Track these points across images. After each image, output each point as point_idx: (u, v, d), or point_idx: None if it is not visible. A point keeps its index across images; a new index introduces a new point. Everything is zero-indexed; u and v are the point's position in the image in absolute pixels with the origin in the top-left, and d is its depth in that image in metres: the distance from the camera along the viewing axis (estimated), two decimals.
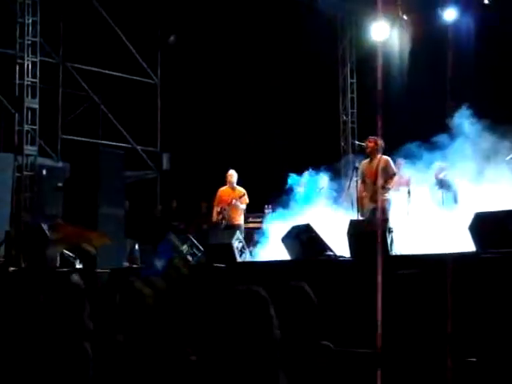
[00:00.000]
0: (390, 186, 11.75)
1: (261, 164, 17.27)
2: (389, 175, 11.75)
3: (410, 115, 15.29)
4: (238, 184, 13.58)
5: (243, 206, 13.43)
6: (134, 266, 13.32)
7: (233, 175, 13.44)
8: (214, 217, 13.49)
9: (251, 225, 14.59)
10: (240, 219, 13.48)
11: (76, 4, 16.95)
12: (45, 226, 12.63)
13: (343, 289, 7.96)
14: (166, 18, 18.85)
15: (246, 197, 13.39)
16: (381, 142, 11.86)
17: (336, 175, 14.31)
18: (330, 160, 14.84)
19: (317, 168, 14.06)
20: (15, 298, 4.68)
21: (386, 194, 11.66)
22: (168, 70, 19.14)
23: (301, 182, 14.02)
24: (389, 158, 12.01)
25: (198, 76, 18.87)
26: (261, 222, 14.35)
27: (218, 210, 13.40)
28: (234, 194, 13.38)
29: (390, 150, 12.68)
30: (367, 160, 12.12)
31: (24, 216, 14.62)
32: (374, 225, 9.39)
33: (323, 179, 13.87)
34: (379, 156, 11.90)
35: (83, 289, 4.07)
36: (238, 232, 11.25)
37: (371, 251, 6.58)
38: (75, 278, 4.11)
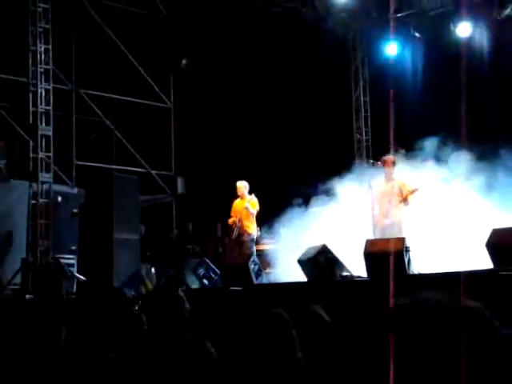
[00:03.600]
0: (410, 202, 11.52)
1: (275, 186, 17.21)
2: (406, 193, 11.54)
3: (425, 131, 15.23)
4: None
5: (253, 211, 13.62)
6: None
7: (238, 188, 13.83)
8: (230, 222, 13.88)
9: (266, 246, 14.53)
10: (251, 228, 13.75)
11: (87, 31, 17.04)
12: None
13: (361, 309, 7.86)
14: (178, 41, 18.90)
15: (254, 201, 13.66)
16: (395, 160, 11.78)
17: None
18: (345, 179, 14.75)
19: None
20: (30, 326, 4.62)
21: (401, 214, 11.52)
22: (181, 94, 19.15)
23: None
24: (406, 181, 11.75)
25: (211, 99, 18.89)
26: (276, 243, 14.28)
27: (234, 219, 13.80)
28: (243, 203, 13.78)
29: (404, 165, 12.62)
30: (383, 179, 11.93)
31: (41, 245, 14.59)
32: (390, 244, 9.30)
33: None
34: (395, 176, 11.78)
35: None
36: (253, 255, 11.21)
37: (388, 271, 6.51)
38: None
